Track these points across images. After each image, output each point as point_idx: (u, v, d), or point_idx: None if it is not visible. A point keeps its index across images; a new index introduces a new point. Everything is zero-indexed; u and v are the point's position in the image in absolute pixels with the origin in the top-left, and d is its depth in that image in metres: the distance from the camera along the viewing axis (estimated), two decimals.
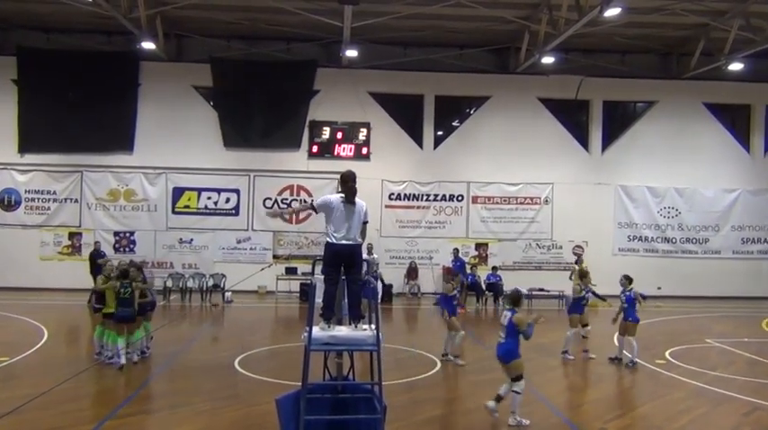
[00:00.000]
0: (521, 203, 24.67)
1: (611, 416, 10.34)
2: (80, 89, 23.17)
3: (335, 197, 7.66)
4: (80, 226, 23.50)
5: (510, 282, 22.80)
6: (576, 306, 14.24)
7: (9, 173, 23.38)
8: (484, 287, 22.25)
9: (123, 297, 12.40)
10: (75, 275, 21.84)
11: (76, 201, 23.52)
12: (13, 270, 22.67)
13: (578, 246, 19.58)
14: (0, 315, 17.85)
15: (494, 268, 23.02)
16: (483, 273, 22.73)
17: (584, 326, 14.20)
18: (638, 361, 13.32)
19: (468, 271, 22.08)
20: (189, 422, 9.70)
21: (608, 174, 24.83)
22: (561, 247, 24.57)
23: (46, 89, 23.07)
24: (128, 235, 23.58)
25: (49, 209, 23.48)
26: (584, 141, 25.06)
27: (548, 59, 21.85)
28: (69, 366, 12.30)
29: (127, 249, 23.14)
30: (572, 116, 25.29)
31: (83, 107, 23.05)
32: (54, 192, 23.49)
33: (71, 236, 23.43)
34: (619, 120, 25.76)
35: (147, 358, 13.14)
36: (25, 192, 23.40)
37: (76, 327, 17.99)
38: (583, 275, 14.86)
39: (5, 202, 23.35)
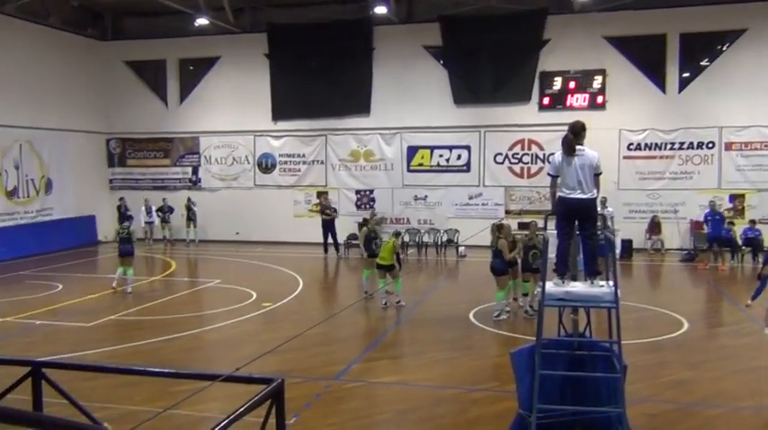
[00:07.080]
0: None
1: None
2: (321, 58, 24.71)
3: (558, 153, 7.42)
4: (326, 185, 25.44)
5: None
6: None
7: (265, 139, 25.95)
8: (740, 242, 20.12)
9: (122, 236, 16.26)
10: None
11: (322, 162, 25.43)
12: (272, 226, 25.28)
13: None
14: (262, 265, 20.19)
15: (752, 221, 20.64)
16: (739, 228, 20.50)
17: None
18: None
19: (725, 225, 20.07)
20: (428, 369, 10.19)
21: None
22: None
23: (292, 61, 24.98)
24: (368, 193, 25.04)
25: (299, 170, 25.71)
26: None
27: None
28: (320, 311, 13.58)
29: (367, 206, 24.59)
30: None
31: (324, 75, 24.65)
32: (303, 155, 25.64)
33: (319, 195, 25.49)
34: None
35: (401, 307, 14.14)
36: (279, 155, 25.85)
37: (327, 277, 19.74)
38: None
39: (264, 166, 26.02)
